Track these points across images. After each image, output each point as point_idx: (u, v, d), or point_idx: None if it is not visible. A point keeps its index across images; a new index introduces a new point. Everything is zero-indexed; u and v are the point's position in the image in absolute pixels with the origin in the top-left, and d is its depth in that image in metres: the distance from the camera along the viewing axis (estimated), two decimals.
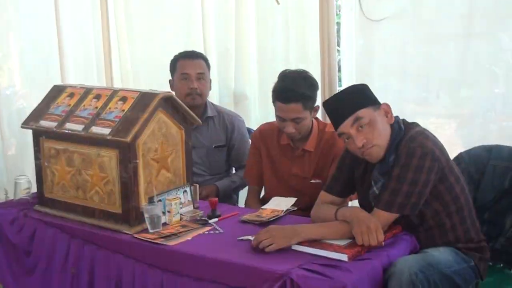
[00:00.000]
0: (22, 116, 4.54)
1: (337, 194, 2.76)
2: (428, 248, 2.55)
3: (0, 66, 4.57)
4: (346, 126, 2.51)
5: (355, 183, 2.74)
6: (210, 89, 3.66)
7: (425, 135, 2.52)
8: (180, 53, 3.63)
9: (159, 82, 4.16)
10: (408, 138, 2.50)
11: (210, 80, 3.65)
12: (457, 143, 3.56)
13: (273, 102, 3.11)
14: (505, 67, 3.42)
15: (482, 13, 3.40)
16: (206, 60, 3.62)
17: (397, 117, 2.60)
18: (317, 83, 3.14)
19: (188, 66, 3.54)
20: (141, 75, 4.60)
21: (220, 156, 3.64)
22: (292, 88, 3.01)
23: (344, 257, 2.31)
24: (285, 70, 3.15)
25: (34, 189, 3.19)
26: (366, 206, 2.59)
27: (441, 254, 2.48)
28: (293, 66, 3.84)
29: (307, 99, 3.04)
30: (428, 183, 2.46)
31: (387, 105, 2.58)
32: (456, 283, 2.47)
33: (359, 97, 2.54)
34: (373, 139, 2.51)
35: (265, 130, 3.35)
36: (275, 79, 3.15)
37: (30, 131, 3.04)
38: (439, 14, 3.53)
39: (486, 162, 2.92)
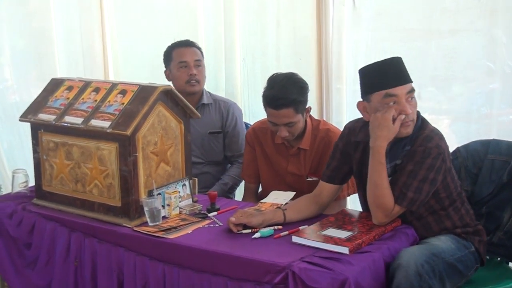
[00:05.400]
0: (15, 110, 4.56)
1: (327, 180, 2.79)
2: (427, 237, 2.59)
3: None
4: (404, 89, 2.53)
5: (352, 167, 2.75)
6: (205, 77, 3.68)
7: (440, 135, 2.60)
8: (173, 43, 3.65)
9: (150, 76, 4.16)
10: (424, 136, 2.55)
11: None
12: (451, 138, 3.57)
13: (264, 107, 3.09)
14: (499, 62, 3.43)
15: (473, 8, 3.41)
16: (200, 49, 3.66)
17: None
18: (307, 85, 3.10)
19: (186, 53, 3.57)
20: (132, 70, 4.58)
21: (216, 143, 3.64)
22: (282, 95, 2.97)
23: (345, 250, 2.32)
24: (274, 75, 3.10)
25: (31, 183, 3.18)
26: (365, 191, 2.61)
27: (443, 243, 2.52)
28: (284, 63, 3.85)
29: (298, 103, 3.01)
30: (435, 183, 2.53)
31: None
32: (458, 270, 2.52)
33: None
34: (413, 115, 2.56)
35: (259, 129, 3.32)
36: (266, 75, 3.13)
37: (25, 126, 3.03)
38: (430, 9, 3.53)
39: (483, 157, 2.93)
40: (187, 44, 3.62)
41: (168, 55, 3.62)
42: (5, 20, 4.54)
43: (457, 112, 3.62)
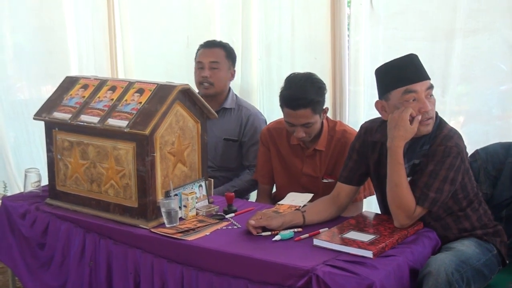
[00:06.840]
0: (23, 108, 4.52)
1: (344, 181, 2.75)
2: (446, 236, 2.58)
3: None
4: (423, 85, 2.50)
5: (369, 168, 2.72)
6: (231, 79, 3.60)
7: (459, 134, 2.57)
8: (203, 43, 3.61)
9: (163, 73, 4.12)
10: (444, 135, 2.52)
11: (234, 70, 3.60)
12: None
13: (281, 107, 3.04)
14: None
15: (488, 9, 3.37)
16: (227, 49, 3.57)
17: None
18: (324, 85, 3.06)
19: (203, 54, 3.53)
20: (144, 67, 4.53)
21: (230, 150, 3.55)
22: (300, 95, 2.94)
23: (369, 253, 2.28)
24: (291, 75, 3.06)
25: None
26: (384, 193, 2.56)
27: (468, 248, 2.49)
28: (299, 63, 3.81)
29: (316, 104, 2.98)
30: (455, 182, 2.50)
31: None
32: (484, 275, 2.49)
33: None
34: (433, 112, 2.52)
35: (274, 129, 3.28)
36: (281, 74, 3.10)
37: (33, 124, 2.98)
38: (444, 10, 3.48)
39: (503, 159, 2.89)
40: (207, 45, 3.57)
41: (196, 55, 3.59)
42: (12, 17, 4.49)
43: (475, 112, 3.57)
